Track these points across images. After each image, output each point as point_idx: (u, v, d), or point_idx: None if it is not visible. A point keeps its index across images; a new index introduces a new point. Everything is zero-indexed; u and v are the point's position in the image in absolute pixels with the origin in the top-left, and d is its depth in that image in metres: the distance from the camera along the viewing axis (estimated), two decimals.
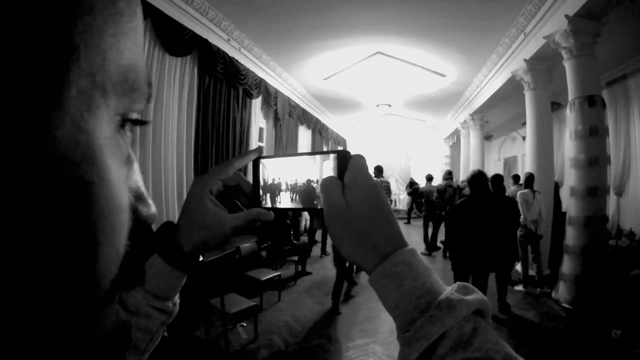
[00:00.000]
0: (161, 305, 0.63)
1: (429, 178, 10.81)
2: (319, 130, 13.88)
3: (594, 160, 5.23)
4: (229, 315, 3.82)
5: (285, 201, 0.68)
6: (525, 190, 6.37)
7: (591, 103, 5.26)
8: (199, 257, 0.66)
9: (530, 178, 6.45)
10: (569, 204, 5.60)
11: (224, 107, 6.72)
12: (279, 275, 5.69)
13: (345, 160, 0.57)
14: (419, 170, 19.74)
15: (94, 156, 0.22)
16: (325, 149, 13.06)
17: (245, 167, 0.93)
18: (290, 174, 0.68)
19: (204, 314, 4.30)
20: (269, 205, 0.70)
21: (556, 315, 5.22)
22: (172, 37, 5.20)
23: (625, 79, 7.84)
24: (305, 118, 12.09)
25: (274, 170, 0.70)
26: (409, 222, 15.66)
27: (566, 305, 5.33)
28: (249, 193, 0.71)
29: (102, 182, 0.23)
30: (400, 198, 20.00)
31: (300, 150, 11.54)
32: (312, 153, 0.65)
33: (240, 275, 5.29)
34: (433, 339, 0.43)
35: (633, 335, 3.69)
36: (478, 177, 4.61)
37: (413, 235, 11.24)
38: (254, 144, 8.10)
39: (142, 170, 3.30)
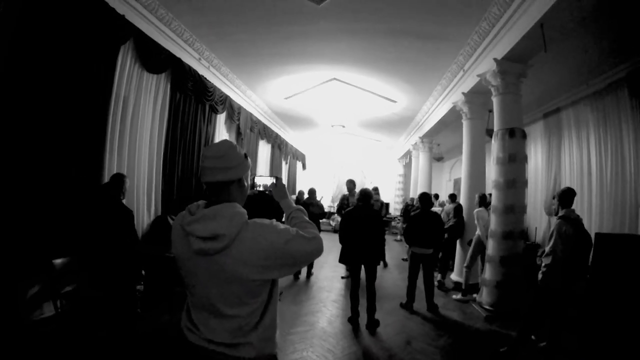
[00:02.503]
0: None
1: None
2: (278, 145, 14.66)
3: (512, 183, 5.99)
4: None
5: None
6: (481, 208, 6.99)
7: (512, 134, 6.03)
8: None
9: (483, 197, 7.14)
10: (491, 220, 6.35)
11: (192, 120, 7.48)
12: None
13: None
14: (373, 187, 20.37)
15: None
16: (283, 162, 13.92)
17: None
18: None
19: (170, 298, 4.93)
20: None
21: (477, 316, 5.97)
22: (150, 56, 5.94)
23: (559, 111, 8.77)
24: (266, 133, 12.86)
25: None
26: None
27: (487, 307, 6.06)
28: None
29: None
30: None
31: (260, 162, 12.51)
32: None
33: None
34: (290, 212, 1.90)
35: (529, 331, 4.41)
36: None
37: None
38: None
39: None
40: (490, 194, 6.54)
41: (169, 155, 6.80)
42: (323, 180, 22.10)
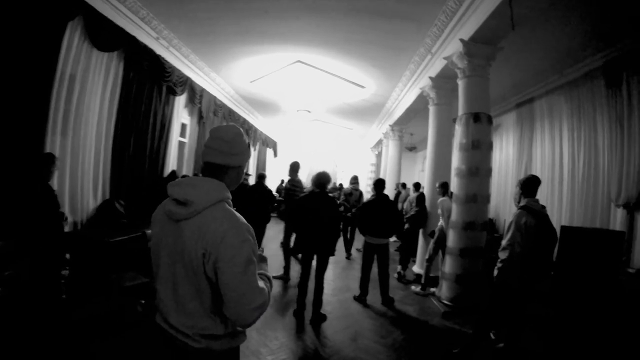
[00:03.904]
0: None
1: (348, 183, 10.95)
2: (246, 130, 14.44)
3: (475, 170, 5.77)
4: (123, 288, 4.35)
5: None
6: (444, 198, 6.76)
7: (476, 119, 5.81)
8: None
9: (445, 185, 6.89)
10: (452, 210, 6.17)
11: (146, 101, 7.26)
12: None
13: None
14: (346, 176, 20.60)
15: None
16: (252, 148, 13.70)
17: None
18: None
19: (103, 287, 4.75)
20: None
21: (435, 311, 5.78)
22: (101, 33, 5.70)
23: (532, 101, 8.79)
24: (232, 117, 12.67)
25: None
26: None
27: (446, 302, 5.91)
28: None
29: None
30: None
31: None
32: None
33: (143, 258, 5.60)
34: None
35: (484, 331, 4.20)
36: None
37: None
38: (174, 138, 8.70)
39: (61, 156, 4.00)
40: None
41: (119, 137, 6.56)
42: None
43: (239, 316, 1.50)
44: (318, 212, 5.15)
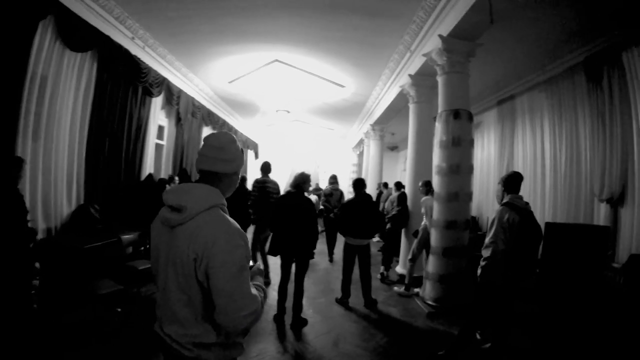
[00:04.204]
0: None
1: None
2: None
3: (456, 168, 5.72)
4: (98, 296, 4.19)
5: None
6: (428, 197, 6.62)
7: (456, 116, 5.75)
8: None
9: (428, 184, 6.70)
10: (433, 208, 6.08)
11: (121, 102, 7.08)
12: None
13: None
14: (327, 177, 20.37)
15: None
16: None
17: None
18: None
19: (77, 295, 4.58)
20: None
21: (419, 312, 5.73)
22: (74, 33, 5.55)
23: (513, 98, 8.79)
24: (211, 119, 12.53)
25: None
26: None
27: (430, 303, 5.82)
28: None
29: None
30: None
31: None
32: None
33: (119, 264, 5.56)
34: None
35: (470, 331, 4.10)
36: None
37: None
38: (151, 140, 8.50)
39: (33, 160, 3.87)
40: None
41: (93, 139, 6.39)
42: (277, 170, 21.67)
43: (231, 322, 1.50)
44: (294, 213, 5.09)
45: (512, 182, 3.92)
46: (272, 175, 7.45)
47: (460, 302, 5.48)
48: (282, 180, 21.62)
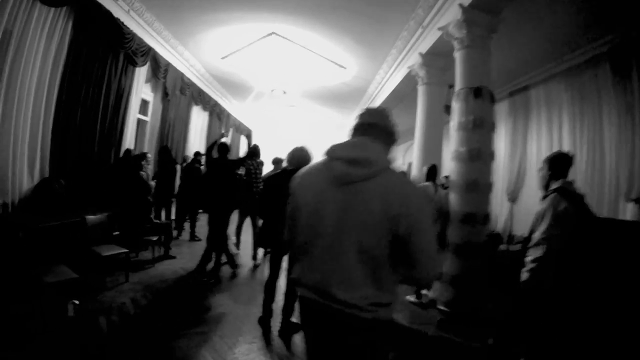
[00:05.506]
0: None
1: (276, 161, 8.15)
2: (217, 113, 13.73)
3: (476, 153, 5.04)
4: (47, 284, 3.59)
5: None
6: (427, 183, 5.83)
7: (477, 94, 5.07)
8: None
9: (433, 169, 5.98)
10: (449, 199, 5.39)
11: (99, 69, 6.41)
12: (126, 252, 5.40)
13: None
14: None
15: None
16: (223, 131, 12.93)
17: None
18: None
19: (23, 283, 3.92)
20: None
21: (429, 318, 4.95)
22: None
23: (527, 89, 8.42)
24: (202, 99, 11.92)
25: None
26: None
27: (442, 308, 5.12)
28: None
29: None
30: None
31: (192, 130, 11.62)
32: None
33: (82, 249, 4.99)
34: None
35: (504, 344, 3.52)
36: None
37: None
38: (132, 114, 7.84)
39: None
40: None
41: (63, 107, 5.71)
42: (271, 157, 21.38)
43: (427, 277, 1.57)
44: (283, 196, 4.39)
45: (560, 163, 3.27)
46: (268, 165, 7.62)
47: (475, 307, 4.86)
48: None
